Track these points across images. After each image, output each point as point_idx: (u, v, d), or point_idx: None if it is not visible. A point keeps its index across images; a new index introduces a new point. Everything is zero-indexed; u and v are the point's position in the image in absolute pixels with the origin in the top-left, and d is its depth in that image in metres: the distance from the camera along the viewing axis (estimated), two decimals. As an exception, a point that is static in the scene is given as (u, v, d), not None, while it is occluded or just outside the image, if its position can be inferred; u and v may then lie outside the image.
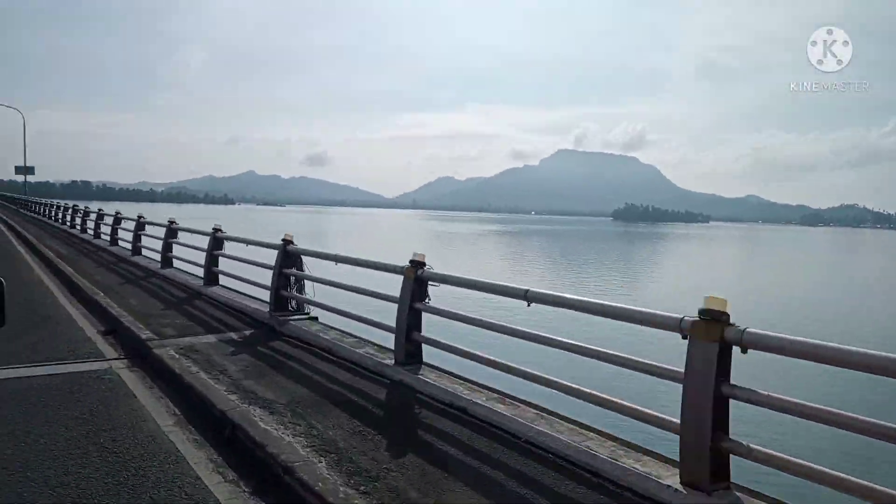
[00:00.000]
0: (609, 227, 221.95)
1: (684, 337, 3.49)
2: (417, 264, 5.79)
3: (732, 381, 3.32)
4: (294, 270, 8.05)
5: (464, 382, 5.23)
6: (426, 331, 5.77)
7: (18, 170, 48.88)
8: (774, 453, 3.27)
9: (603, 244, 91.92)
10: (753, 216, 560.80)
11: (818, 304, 29.82)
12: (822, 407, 3.13)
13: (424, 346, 5.78)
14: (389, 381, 5.55)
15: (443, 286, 5.73)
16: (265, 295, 8.43)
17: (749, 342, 3.25)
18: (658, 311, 3.91)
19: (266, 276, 8.42)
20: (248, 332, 7.54)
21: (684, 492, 3.36)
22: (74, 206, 26.65)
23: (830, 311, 27.17)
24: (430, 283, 5.71)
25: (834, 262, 70.67)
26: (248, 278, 9.50)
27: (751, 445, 3.27)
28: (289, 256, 8.13)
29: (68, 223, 25.76)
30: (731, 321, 3.31)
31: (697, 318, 3.42)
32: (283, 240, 8.18)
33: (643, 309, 4.10)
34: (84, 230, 22.07)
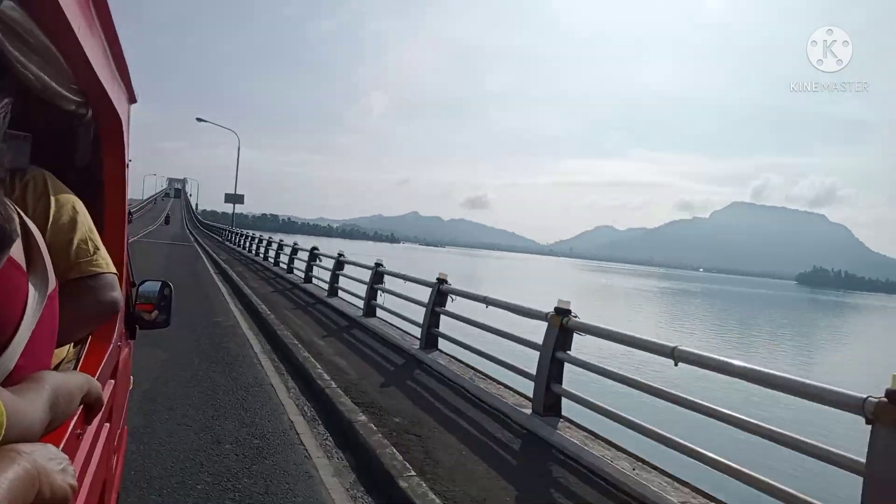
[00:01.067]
0: (793, 291, 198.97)
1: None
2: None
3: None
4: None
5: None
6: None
7: (228, 198, 45.89)
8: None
9: (793, 314, 77.64)
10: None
11: None
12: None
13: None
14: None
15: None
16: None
17: (572, 326, 3.35)
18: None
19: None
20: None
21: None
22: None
23: None
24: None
25: None
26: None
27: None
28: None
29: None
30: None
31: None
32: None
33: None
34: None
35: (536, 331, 6.01)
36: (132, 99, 2.05)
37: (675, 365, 4.35)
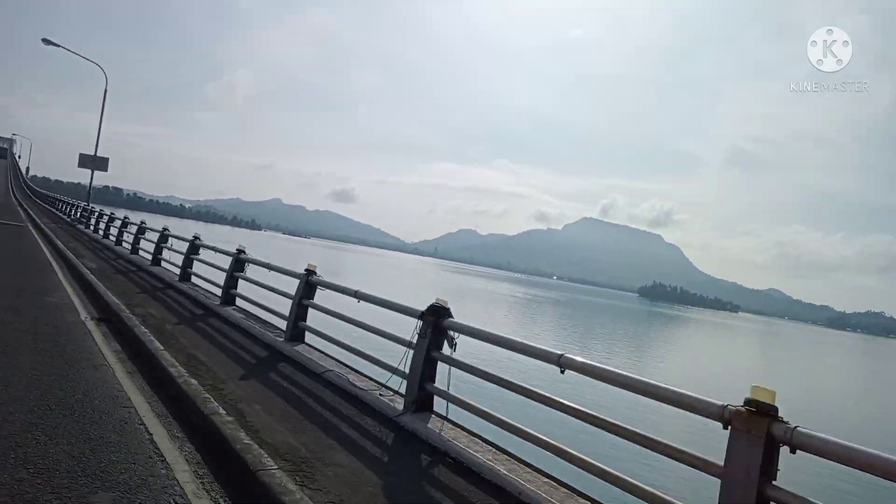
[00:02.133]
0: (638, 304, 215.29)
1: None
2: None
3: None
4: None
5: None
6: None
7: (84, 161, 31.27)
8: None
9: (643, 326, 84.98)
10: (775, 311, 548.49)
11: (867, 412, 28.80)
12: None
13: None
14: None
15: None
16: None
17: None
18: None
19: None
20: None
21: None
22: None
23: (877, 421, 26.14)
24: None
25: (879, 371, 67.93)
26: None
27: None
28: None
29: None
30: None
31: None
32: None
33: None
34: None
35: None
36: None
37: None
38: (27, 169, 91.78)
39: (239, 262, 10.68)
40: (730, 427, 3.22)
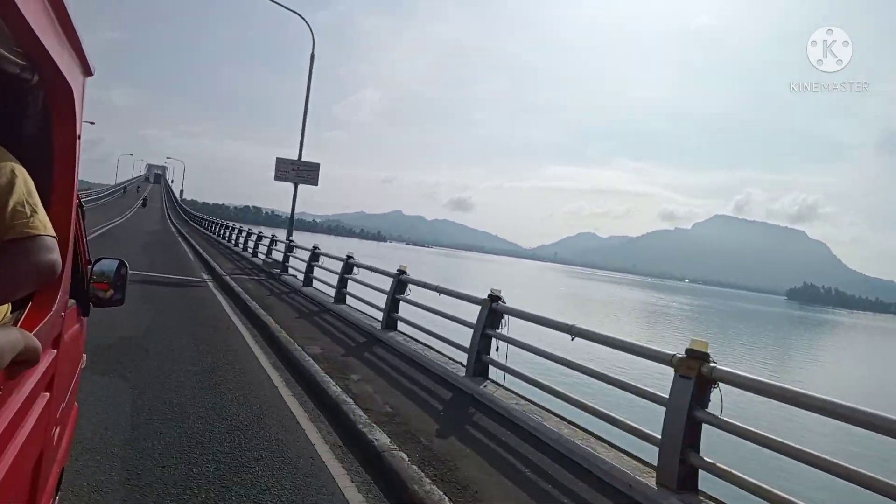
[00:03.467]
0: (792, 308, 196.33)
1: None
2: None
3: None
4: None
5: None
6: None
7: (282, 169, 29.49)
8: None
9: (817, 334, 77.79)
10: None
11: None
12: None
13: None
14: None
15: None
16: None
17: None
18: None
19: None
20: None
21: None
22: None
23: None
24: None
25: None
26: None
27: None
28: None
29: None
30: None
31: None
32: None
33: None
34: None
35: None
36: (87, 71, 1.93)
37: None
38: (181, 192, 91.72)
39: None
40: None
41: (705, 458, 4.21)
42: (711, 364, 4.26)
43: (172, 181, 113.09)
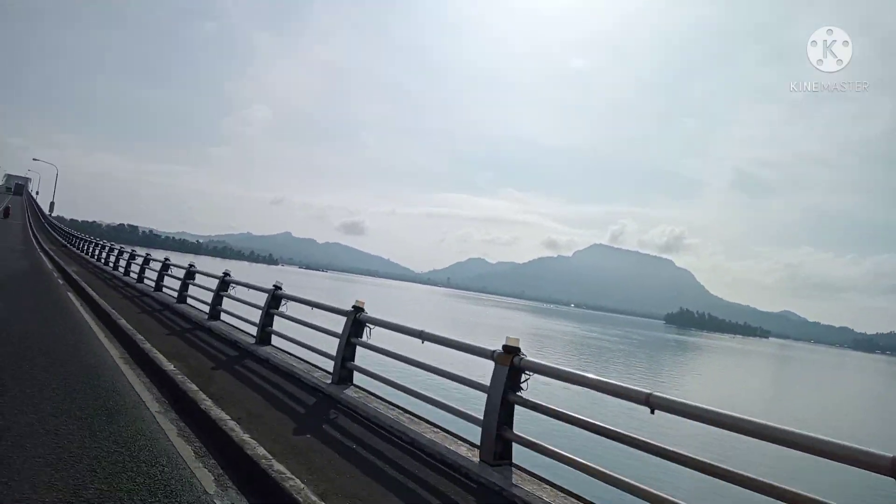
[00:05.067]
0: (673, 332, 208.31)
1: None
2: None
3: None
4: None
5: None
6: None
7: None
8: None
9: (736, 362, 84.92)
10: (794, 333, 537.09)
11: None
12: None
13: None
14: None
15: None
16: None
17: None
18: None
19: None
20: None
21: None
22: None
23: None
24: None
25: None
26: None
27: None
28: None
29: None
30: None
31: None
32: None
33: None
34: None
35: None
36: None
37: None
38: (51, 205, 75.11)
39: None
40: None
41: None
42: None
43: (38, 193, 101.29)
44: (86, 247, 33.20)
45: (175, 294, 15.63)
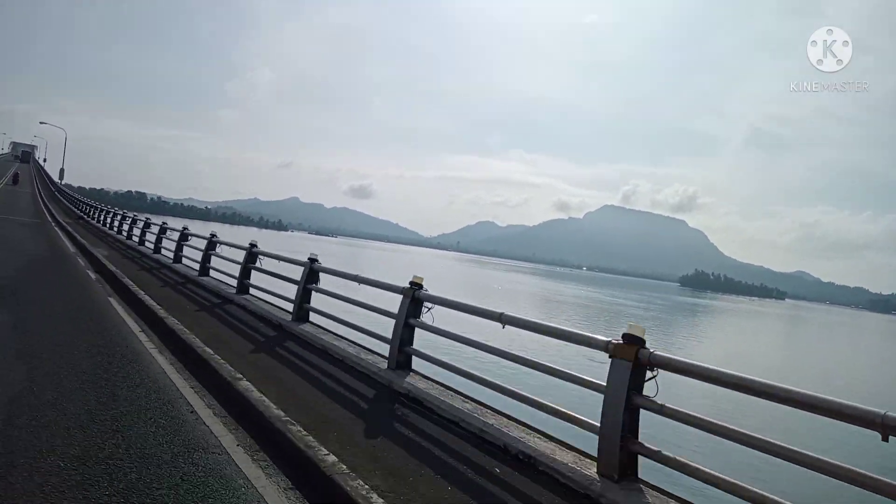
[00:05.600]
0: (689, 295, 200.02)
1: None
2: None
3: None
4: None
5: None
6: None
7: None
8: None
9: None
10: (806, 294, 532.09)
11: None
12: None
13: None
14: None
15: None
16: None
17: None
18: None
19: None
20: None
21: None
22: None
23: None
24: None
25: None
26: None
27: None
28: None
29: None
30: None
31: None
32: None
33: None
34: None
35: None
36: None
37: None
38: (61, 172, 67.85)
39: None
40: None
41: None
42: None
43: (45, 160, 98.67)
44: (104, 217, 29.33)
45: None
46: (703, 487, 3.88)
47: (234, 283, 12.14)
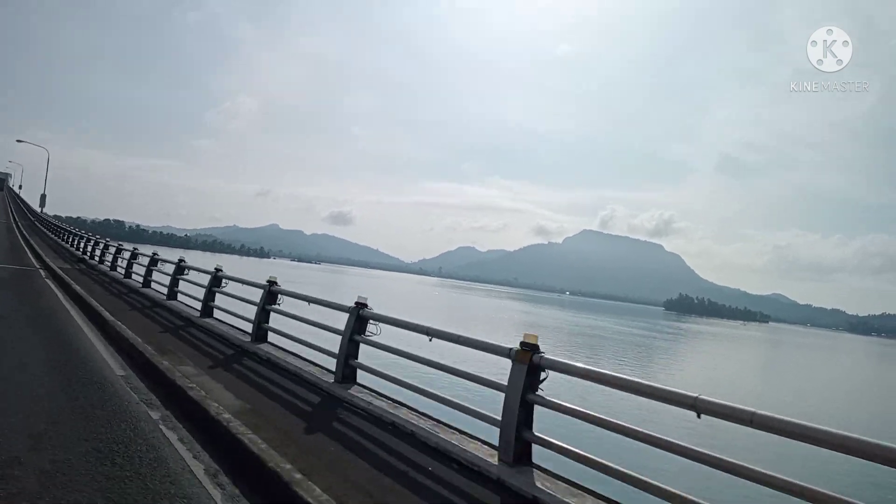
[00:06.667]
0: (675, 319, 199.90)
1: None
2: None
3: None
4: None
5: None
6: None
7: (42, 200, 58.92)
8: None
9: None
10: (785, 316, 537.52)
11: None
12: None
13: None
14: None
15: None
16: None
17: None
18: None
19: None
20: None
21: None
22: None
23: None
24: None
25: None
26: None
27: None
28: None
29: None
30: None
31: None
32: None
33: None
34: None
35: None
36: None
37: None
38: (42, 199, 58.65)
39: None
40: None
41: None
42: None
43: (21, 188, 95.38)
44: (112, 258, 20.76)
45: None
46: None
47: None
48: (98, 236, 24.83)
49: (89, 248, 24.76)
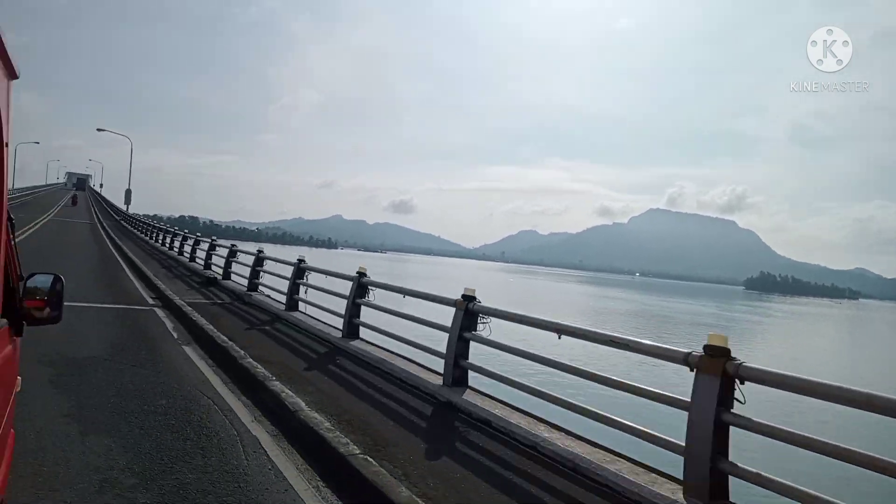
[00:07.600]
0: (759, 300, 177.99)
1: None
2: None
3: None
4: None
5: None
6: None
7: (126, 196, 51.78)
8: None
9: None
10: (872, 292, 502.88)
11: None
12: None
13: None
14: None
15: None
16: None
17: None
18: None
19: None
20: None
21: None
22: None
23: None
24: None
25: None
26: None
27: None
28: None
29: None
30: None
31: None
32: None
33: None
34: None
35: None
36: (12, 74, 1.87)
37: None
38: (127, 194, 52.14)
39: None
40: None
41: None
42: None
43: (101, 186, 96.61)
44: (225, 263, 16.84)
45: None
46: None
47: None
48: (214, 238, 19.34)
49: (200, 255, 19.70)
